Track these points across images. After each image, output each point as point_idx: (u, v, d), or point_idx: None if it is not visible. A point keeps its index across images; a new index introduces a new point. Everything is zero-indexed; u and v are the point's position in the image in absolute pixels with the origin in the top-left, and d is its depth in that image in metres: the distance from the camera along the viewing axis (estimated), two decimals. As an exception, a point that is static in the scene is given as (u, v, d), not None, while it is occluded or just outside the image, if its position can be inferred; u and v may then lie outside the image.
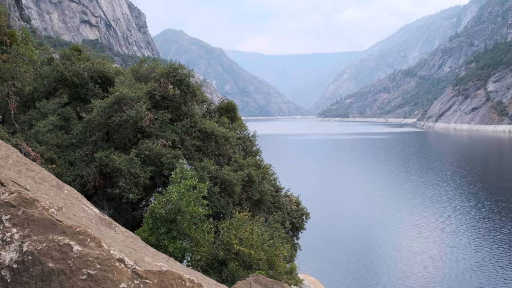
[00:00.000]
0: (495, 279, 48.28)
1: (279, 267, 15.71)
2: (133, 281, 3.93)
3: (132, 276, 3.95)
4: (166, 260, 4.74)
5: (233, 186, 22.49)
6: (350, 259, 55.54)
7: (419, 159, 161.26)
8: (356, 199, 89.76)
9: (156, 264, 4.26)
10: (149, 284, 3.95)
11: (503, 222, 71.20)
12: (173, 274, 4.18)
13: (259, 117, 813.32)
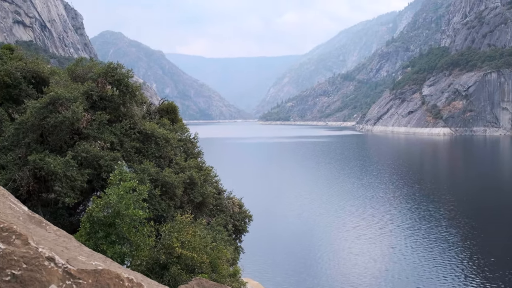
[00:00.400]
0: (431, 278, 49.55)
1: (222, 270, 15.43)
2: (65, 281, 3.55)
3: (64, 276, 3.57)
4: (103, 260, 4.37)
5: (174, 189, 22.03)
6: (292, 262, 55.77)
7: (358, 162, 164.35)
8: (298, 202, 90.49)
9: (91, 263, 3.89)
10: (83, 284, 3.58)
11: (438, 222, 73.34)
12: (110, 273, 3.83)
13: (200, 120, 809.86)
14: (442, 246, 60.41)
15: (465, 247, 60.12)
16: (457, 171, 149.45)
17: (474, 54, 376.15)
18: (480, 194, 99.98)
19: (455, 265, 53.14)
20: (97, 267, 3.86)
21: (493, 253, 57.50)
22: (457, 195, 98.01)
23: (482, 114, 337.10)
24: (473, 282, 47.83)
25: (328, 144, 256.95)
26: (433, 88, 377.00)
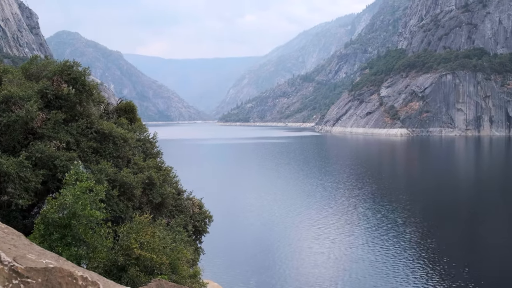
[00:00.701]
0: (389, 276, 50.21)
1: (182, 271, 15.16)
2: (11, 280, 3.27)
3: (10, 275, 3.31)
4: (55, 258, 4.11)
5: (132, 189, 21.63)
6: (252, 262, 55.69)
7: (318, 162, 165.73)
8: (258, 202, 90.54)
9: (41, 262, 3.64)
10: (32, 283, 3.33)
11: (396, 221, 74.48)
12: (62, 271, 3.59)
13: (159, 121, 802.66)
14: (399, 245, 61.31)
15: (422, 245, 61.16)
16: (414, 171, 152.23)
17: (430, 56, 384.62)
18: (435, 193, 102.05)
19: (411, 263, 53.98)
20: (47, 265, 3.61)
21: (449, 251, 58.68)
22: (414, 194, 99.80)
23: (438, 115, 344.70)
24: (430, 280, 48.67)
25: (288, 145, 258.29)
26: (391, 90, 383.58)
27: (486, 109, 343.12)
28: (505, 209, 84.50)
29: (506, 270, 51.61)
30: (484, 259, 56.43)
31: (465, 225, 74.89)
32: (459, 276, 49.48)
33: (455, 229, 71.81)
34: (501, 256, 56.93)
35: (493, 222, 75.40)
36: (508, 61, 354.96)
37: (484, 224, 75.07)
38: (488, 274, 50.39)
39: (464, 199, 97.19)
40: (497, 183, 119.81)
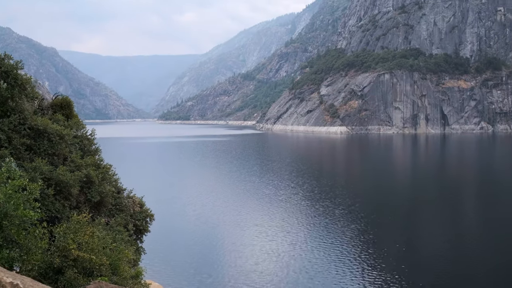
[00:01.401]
0: (330, 271, 50.65)
1: (123, 272, 14.44)
2: None
3: None
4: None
5: (69, 188, 20.59)
6: (194, 262, 55.00)
7: (259, 160, 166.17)
8: (199, 201, 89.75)
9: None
10: None
11: (336, 218, 75.35)
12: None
13: (97, 120, 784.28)
14: (339, 241, 62.00)
15: (362, 241, 62.06)
16: (353, 168, 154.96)
17: (368, 56, 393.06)
18: (374, 189, 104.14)
19: (350, 259, 54.65)
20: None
21: (388, 247, 59.77)
22: (353, 191, 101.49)
23: (376, 113, 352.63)
24: (370, 275, 49.36)
25: (229, 143, 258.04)
26: (331, 88, 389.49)
27: (422, 107, 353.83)
28: (440, 203, 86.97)
29: (440, 265, 52.96)
30: (420, 252, 57.83)
31: (402, 219, 76.58)
32: (398, 271, 50.41)
33: (394, 224, 73.33)
34: (436, 249, 58.46)
35: (427, 215, 77.43)
36: (443, 61, 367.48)
37: (419, 217, 77.01)
38: (423, 268, 51.60)
39: (402, 194, 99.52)
40: (432, 178, 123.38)
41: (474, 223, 75.68)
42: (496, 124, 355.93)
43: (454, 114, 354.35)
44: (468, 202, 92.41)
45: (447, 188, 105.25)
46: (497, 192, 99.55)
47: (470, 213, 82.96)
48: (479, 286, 47.13)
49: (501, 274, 49.75)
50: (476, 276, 49.70)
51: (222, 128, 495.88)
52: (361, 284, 46.78)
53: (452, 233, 67.67)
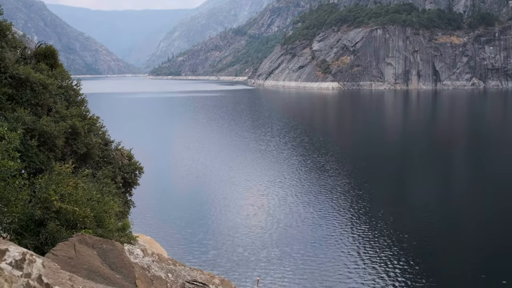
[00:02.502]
0: (320, 226, 50.65)
1: (109, 224, 13.86)
2: None
3: None
4: None
5: (54, 139, 19.84)
6: (185, 215, 54.87)
7: (250, 116, 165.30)
8: (190, 156, 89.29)
9: None
10: None
11: (327, 173, 75.23)
12: None
13: (87, 75, 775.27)
14: (330, 195, 61.97)
15: (352, 195, 62.06)
16: (345, 123, 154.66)
17: (361, 11, 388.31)
18: (365, 144, 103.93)
19: (342, 212, 54.66)
20: None
21: (379, 201, 59.80)
22: (345, 146, 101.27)
23: (368, 69, 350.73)
24: (359, 228, 49.41)
25: (220, 98, 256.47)
26: (323, 44, 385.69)
27: (414, 63, 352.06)
28: (430, 157, 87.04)
29: (428, 218, 53.09)
30: (409, 205, 57.96)
31: (393, 173, 76.63)
32: (384, 221, 50.47)
33: (386, 178, 73.36)
34: (428, 205, 58.61)
35: (417, 168, 77.51)
36: (436, 16, 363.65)
37: (410, 170, 77.11)
38: (412, 221, 51.71)
39: (393, 148, 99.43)
40: (423, 133, 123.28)
41: (463, 175, 75.86)
42: (487, 80, 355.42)
43: (446, 70, 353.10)
44: (458, 156, 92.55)
45: (438, 142, 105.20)
46: (487, 146, 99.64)
47: (459, 165, 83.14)
48: (468, 238, 47.31)
49: (491, 227, 49.98)
50: (466, 230, 49.90)
51: (213, 83, 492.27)
52: (350, 236, 46.82)
53: (442, 186, 67.86)
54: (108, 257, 11.56)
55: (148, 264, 13.86)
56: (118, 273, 11.28)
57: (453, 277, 38.01)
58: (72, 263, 10.89)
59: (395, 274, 38.35)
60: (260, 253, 43.31)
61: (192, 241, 46.82)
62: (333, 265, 40.53)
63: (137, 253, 14.08)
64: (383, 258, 41.53)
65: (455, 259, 41.48)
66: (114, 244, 11.88)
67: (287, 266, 40.24)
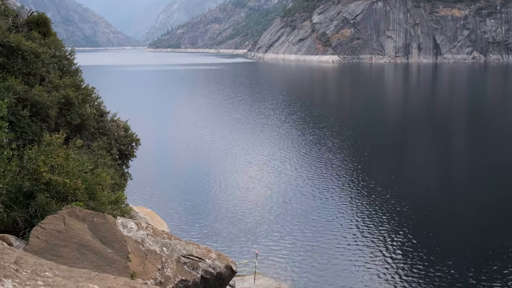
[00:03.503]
0: (320, 198, 50.41)
1: (102, 197, 13.39)
2: None
3: None
4: None
5: (47, 109, 19.33)
6: (184, 187, 54.63)
7: (250, 89, 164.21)
8: (188, 129, 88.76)
9: None
10: None
11: (326, 146, 74.81)
12: None
13: (86, 48, 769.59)
14: (329, 169, 61.66)
15: (351, 168, 61.74)
16: (345, 97, 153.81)
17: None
18: (365, 118, 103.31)
19: (340, 185, 54.42)
20: None
21: (378, 175, 59.45)
22: (344, 120, 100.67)
23: (369, 42, 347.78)
24: (358, 200, 49.16)
25: (220, 71, 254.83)
26: (323, 16, 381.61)
27: (414, 36, 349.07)
28: (430, 130, 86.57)
29: (426, 193, 52.86)
30: (407, 181, 57.70)
31: (392, 148, 76.24)
32: (382, 198, 50.21)
33: (383, 152, 72.97)
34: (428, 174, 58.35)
35: (417, 143, 77.11)
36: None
37: (409, 146, 76.72)
38: (410, 196, 51.49)
39: (393, 123, 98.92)
40: (423, 107, 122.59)
41: (462, 150, 75.51)
42: (488, 54, 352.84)
43: (446, 44, 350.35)
44: (458, 131, 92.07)
45: (438, 117, 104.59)
46: (488, 121, 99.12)
47: (459, 140, 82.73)
48: (467, 212, 47.09)
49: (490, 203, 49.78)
50: (465, 203, 49.68)
51: (213, 56, 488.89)
52: (349, 210, 46.58)
53: (442, 161, 67.50)
54: (100, 230, 11.10)
55: (142, 238, 13.43)
56: (109, 247, 10.83)
57: (451, 249, 37.83)
58: (61, 237, 10.43)
59: (393, 248, 38.18)
60: (260, 226, 43.08)
61: (191, 214, 46.56)
62: (332, 238, 40.32)
63: (131, 226, 13.63)
64: (382, 232, 41.33)
65: (453, 232, 41.29)
66: (105, 217, 11.41)
67: (286, 240, 40.03)
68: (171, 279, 12.80)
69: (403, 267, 35.29)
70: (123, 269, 10.69)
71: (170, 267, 13.14)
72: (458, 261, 35.96)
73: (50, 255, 10.02)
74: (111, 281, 3.86)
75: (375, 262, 35.89)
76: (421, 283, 32.96)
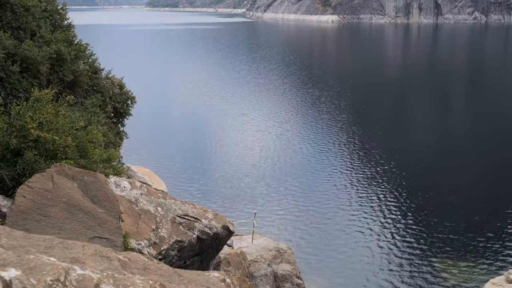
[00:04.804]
0: (319, 157, 50.17)
1: (93, 155, 12.85)
2: None
3: None
4: None
5: (37, 65, 18.65)
6: (182, 149, 54.26)
7: (249, 49, 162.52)
8: (185, 88, 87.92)
9: None
10: None
11: (325, 105, 74.20)
12: None
13: (83, 6, 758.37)
14: (327, 130, 61.26)
15: (349, 129, 61.36)
16: (344, 58, 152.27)
17: None
18: (364, 78, 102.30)
19: (340, 147, 54.12)
20: None
21: (376, 136, 59.11)
22: (343, 80, 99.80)
23: (369, 2, 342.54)
24: (356, 162, 48.90)
25: (218, 31, 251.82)
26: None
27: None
28: (429, 91, 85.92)
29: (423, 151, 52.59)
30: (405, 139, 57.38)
31: (391, 104, 75.72)
32: (380, 159, 49.92)
33: (381, 112, 72.47)
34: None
35: (417, 101, 76.57)
36: None
37: (411, 105, 76.19)
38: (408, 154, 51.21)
39: (392, 80, 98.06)
40: (423, 68, 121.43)
41: (462, 111, 75.02)
42: (489, 14, 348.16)
43: (447, 4, 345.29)
44: (458, 92, 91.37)
45: (438, 77, 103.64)
46: (488, 82, 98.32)
47: (458, 101, 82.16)
48: (465, 172, 46.90)
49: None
50: (464, 163, 49.46)
51: (211, 15, 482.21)
52: (347, 170, 46.36)
53: (441, 121, 67.06)
54: (90, 189, 10.60)
55: (136, 197, 12.96)
56: (100, 207, 10.35)
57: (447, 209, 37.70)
58: (49, 196, 9.94)
59: (390, 210, 38.06)
60: (258, 187, 42.86)
61: (189, 174, 46.27)
62: (329, 197, 40.21)
63: (124, 185, 13.15)
64: (379, 194, 41.17)
65: (452, 195, 41.15)
66: (96, 176, 10.90)
67: (285, 200, 39.86)
68: (165, 239, 12.39)
69: (399, 227, 35.20)
70: (115, 229, 10.24)
71: (165, 227, 12.72)
72: (458, 227, 35.87)
73: (38, 215, 9.57)
74: (77, 250, 3.35)
75: (372, 222, 35.76)
76: (419, 245, 32.92)
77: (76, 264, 2.85)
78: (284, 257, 21.67)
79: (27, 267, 2.57)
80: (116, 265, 3.37)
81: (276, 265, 20.98)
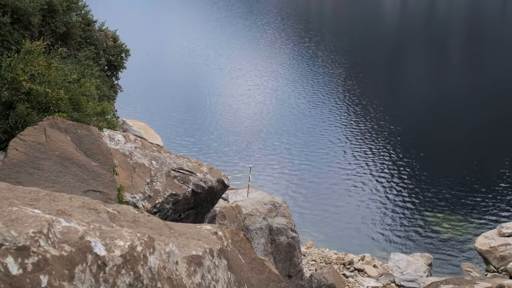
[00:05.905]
0: (313, 108, 50.08)
1: (87, 108, 12.73)
2: None
3: None
4: None
5: (29, 16, 18.29)
6: (178, 103, 54.06)
7: (245, 1, 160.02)
8: (180, 41, 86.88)
9: None
10: None
11: (321, 61, 73.64)
12: None
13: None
14: (322, 84, 60.97)
15: (345, 82, 61.09)
16: (342, 8, 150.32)
17: None
18: (361, 27, 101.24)
19: (335, 102, 53.96)
20: None
21: (373, 89, 58.90)
22: (341, 29, 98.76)
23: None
24: (352, 116, 48.85)
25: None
26: None
27: None
28: (427, 42, 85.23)
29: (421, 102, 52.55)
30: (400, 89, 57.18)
31: (388, 55, 75.25)
32: (375, 112, 49.86)
33: (376, 61, 72.04)
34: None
35: (415, 55, 76.06)
36: None
37: (408, 57, 75.70)
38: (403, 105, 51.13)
39: (389, 30, 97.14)
40: (422, 17, 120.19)
41: (459, 62, 74.62)
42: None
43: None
44: (456, 42, 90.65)
45: (436, 27, 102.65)
46: (487, 32, 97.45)
47: (456, 52, 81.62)
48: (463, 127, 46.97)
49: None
50: (460, 116, 49.48)
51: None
52: (343, 124, 46.36)
53: (437, 72, 66.73)
54: (83, 143, 10.51)
55: (130, 150, 12.90)
56: (94, 160, 10.29)
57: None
58: (42, 149, 9.86)
59: (384, 165, 38.23)
60: (253, 141, 42.89)
61: (184, 128, 46.20)
62: (324, 152, 40.32)
63: (118, 138, 13.08)
64: (373, 149, 41.28)
65: (448, 149, 41.29)
66: (90, 129, 10.79)
67: (279, 155, 39.96)
68: (160, 193, 12.41)
69: (393, 181, 35.45)
70: (109, 182, 10.22)
71: (160, 180, 12.72)
72: (452, 182, 36.12)
73: (31, 168, 9.52)
74: (64, 203, 3.29)
75: (366, 177, 35.99)
76: (413, 199, 33.21)
77: (61, 216, 2.81)
78: (279, 210, 21.83)
79: (8, 218, 2.52)
80: (105, 217, 3.33)
81: (271, 218, 21.14)
